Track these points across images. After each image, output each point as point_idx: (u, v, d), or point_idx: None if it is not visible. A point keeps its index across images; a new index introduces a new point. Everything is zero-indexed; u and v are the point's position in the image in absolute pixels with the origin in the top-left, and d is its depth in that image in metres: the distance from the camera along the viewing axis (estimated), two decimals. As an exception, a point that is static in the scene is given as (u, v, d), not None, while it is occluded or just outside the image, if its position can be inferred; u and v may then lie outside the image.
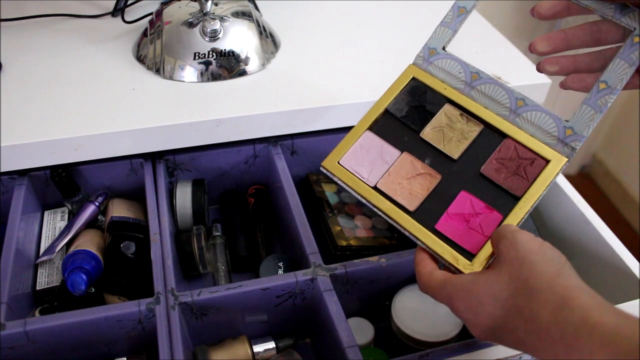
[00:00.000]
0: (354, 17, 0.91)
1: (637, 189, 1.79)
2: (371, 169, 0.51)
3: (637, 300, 0.59)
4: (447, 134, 0.52)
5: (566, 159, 0.48)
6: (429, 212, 0.49)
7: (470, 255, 0.46)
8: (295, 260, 0.67)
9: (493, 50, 0.86)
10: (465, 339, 0.56)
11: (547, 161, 0.48)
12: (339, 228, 0.70)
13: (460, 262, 0.46)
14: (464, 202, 0.48)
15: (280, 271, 0.65)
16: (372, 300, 0.65)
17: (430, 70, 0.54)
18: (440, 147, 0.51)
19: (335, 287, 0.59)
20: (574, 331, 0.35)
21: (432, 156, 0.51)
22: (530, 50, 0.49)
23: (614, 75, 0.46)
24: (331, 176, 0.53)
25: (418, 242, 0.48)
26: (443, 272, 0.44)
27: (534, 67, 0.83)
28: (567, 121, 0.48)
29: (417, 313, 0.60)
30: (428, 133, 0.52)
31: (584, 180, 2.00)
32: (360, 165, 0.52)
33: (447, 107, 0.53)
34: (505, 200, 0.48)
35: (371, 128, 0.54)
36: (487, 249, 0.46)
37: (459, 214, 0.48)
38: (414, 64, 0.55)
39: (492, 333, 0.40)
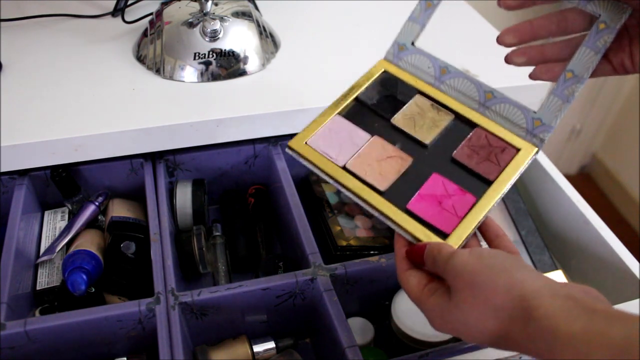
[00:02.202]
0: (354, 17, 0.91)
1: (637, 189, 1.79)
2: (340, 150, 0.50)
3: (637, 300, 0.59)
4: (418, 121, 0.52)
5: (536, 149, 0.48)
6: (400, 192, 0.48)
7: (443, 235, 0.45)
8: (295, 260, 0.67)
9: (492, 50, 0.86)
10: (465, 339, 0.56)
11: (518, 150, 0.48)
12: (339, 228, 0.71)
13: (432, 240, 0.44)
14: (436, 183, 0.48)
15: (280, 271, 0.65)
16: (372, 300, 0.65)
17: (400, 65, 0.54)
18: (412, 132, 0.51)
19: (335, 287, 0.59)
20: (546, 346, 0.34)
21: (403, 141, 0.51)
22: (499, 42, 0.49)
23: (580, 64, 0.46)
24: (297, 157, 0.51)
25: (388, 222, 0.46)
26: (418, 281, 0.42)
27: (534, 67, 0.83)
28: (535, 112, 0.48)
29: (417, 313, 0.60)
30: (399, 120, 0.52)
31: (584, 180, 2.00)
32: (328, 146, 0.50)
33: (417, 97, 0.53)
34: (478, 184, 0.48)
35: (340, 113, 0.53)
36: (463, 229, 0.45)
37: (431, 195, 0.47)
38: (384, 59, 0.55)
39: (479, 342, 0.39)
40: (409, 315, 0.60)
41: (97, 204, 0.69)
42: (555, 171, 0.75)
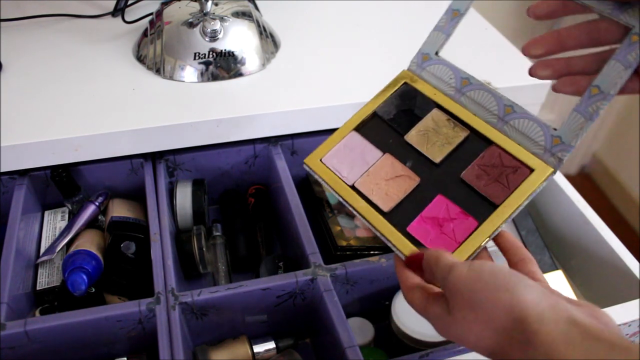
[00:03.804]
0: (354, 17, 0.91)
1: (637, 189, 1.78)
2: (351, 168, 0.51)
3: (637, 300, 0.59)
4: (432, 138, 0.51)
5: (552, 170, 0.45)
6: (403, 214, 0.48)
7: None
8: (295, 260, 0.67)
9: (493, 51, 0.86)
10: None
11: (531, 170, 0.46)
12: (339, 228, 0.71)
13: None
14: (440, 206, 0.47)
15: (280, 271, 0.65)
16: (372, 300, 0.65)
17: (422, 76, 0.53)
18: (423, 150, 0.50)
19: (335, 287, 0.59)
20: None
21: (414, 159, 0.50)
22: (524, 53, 0.47)
23: (607, 79, 0.42)
24: (312, 173, 0.52)
25: (388, 244, 0.47)
26: (421, 293, 0.41)
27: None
28: (555, 129, 0.45)
29: (417, 313, 0.60)
30: (412, 136, 0.51)
31: (584, 180, 2.00)
32: (341, 164, 0.51)
33: (434, 111, 0.52)
34: (483, 207, 0.46)
35: (357, 129, 0.53)
36: (459, 255, 0.44)
37: (433, 218, 0.47)
38: (408, 69, 0.54)
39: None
40: (409, 315, 0.60)
41: (97, 204, 0.69)
42: (555, 171, 0.75)
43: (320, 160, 0.52)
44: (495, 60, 0.83)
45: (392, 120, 0.53)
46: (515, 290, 0.35)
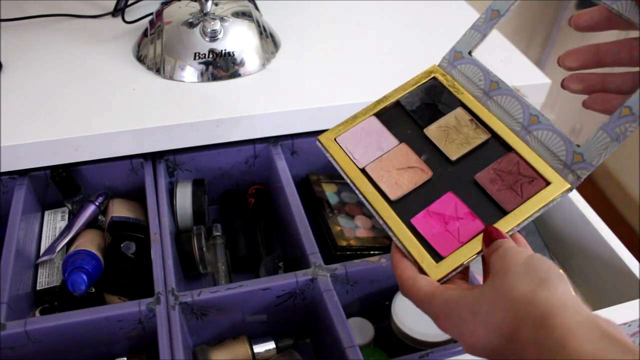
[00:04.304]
0: (354, 17, 0.91)
1: (637, 189, 1.79)
2: (365, 151, 0.50)
3: (637, 300, 0.59)
4: (451, 135, 0.50)
5: (569, 186, 0.44)
6: (409, 205, 0.47)
7: (438, 257, 0.44)
8: (295, 260, 0.67)
9: (493, 50, 0.86)
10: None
11: (548, 183, 0.45)
12: (339, 228, 0.71)
13: (425, 260, 0.43)
14: (449, 203, 0.46)
15: (281, 271, 0.65)
16: (372, 300, 0.65)
17: (453, 74, 0.52)
18: (441, 146, 0.49)
19: (335, 287, 0.59)
20: (550, 356, 0.32)
21: (429, 153, 0.50)
22: (559, 64, 0.45)
23: None
24: (324, 151, 0.51)
25: (389, 233, 0.46)
26: (428, 281, 0.41)
27: (534, 67, 0.83)
28: (578, 146, 0.44)
29: (417, 313, 0.60)
30: (432, 130, 0.50)
31: (584, 180, 2.00)
32: (355, 146, 0.51)
33: (459, 110, 0.51)
34: (492, 212, 0.45)
35: (378, 114, 0.52)
36: (458, 256, 0.43)
37: (440, 214, 0.46)
38: (439, 65, 0.53)
39: (478, 352, 0.37)
40: (409, 315, 0.60)
41: (97, 204, 0.69)
42: (555, 171, 0.75)
43: (335, 139, 0.51)
44: (495, 60, 0.83)
45: (414, 111, 0.52)
46: (552, 278, 0.35)
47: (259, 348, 0.61)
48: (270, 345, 0.62)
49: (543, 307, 0.33)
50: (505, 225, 0.44)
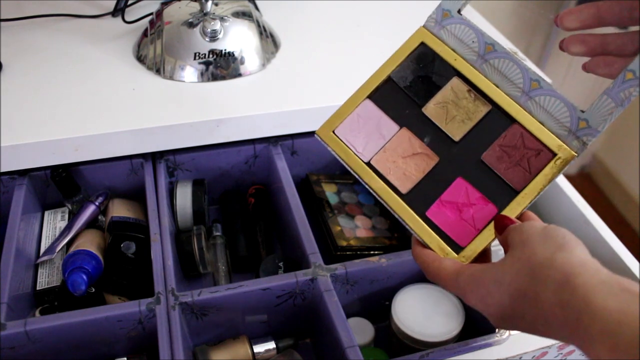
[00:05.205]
0: (354, 17, 0.91)
1: (637, 189, 1.79)
2: (367, 142, 0.49)
3: (637, 300, 0.59)
4: (451, 111, 0.48)
5: (575, 154, 0.43)
6: (421, 196, 0.46)
7: (458, 248, 0.44)
8: (296, 260, 0.67)
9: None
10: (466, 339, 0.56)
11: (554, 154, 0.44)
12: (339, 228, 0.71)
13: (446, 253, 0.44)
14: (460, 190, 0.46)
15: (281, 271, 0.65)
16: (372, 300, 0.65)
17: (441, 35, 0.49)
18: (442, 126, 0.48)
19: (336, 287, 0.59)
20: (576, 315, 0.32)
21: (432, 134, 0.48)
22: (557, 24, 0.44)
23: None
24: (325, 145, 0.49)
25: (407, 227, 0.46)
26: (453, 262, 0.42)
27: (535, 67, 0.83)
28: (582, 111, 0.43)
29: (417, 313, 0.60)
30: (431, 109, 0.48)
31: (584, 180, 2.00)
32: (355, 137, 0.49)
33: (455, 80, 0.48)
34: (503, 192, 0.45)
35: (371, 97, 0.50)
36: (477, 244, 0.44)
37: (453, 203, 0.46)
38: (424, 26, 0.50)
39: (504, 321, 0.38)
40: (409, 315, 0.60)
41: (97, 204, 0.69)
42: (556, 171, 0.75)
43: (333, 132, 0.49)
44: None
45: (409, 87, 0.49)
46: (557, 237, 0.37)
47: (259, 348, 0.61)
48: (270, 345, 0.62)
49: (564, 269, 0.34)
50: (517, 207, 0.44)
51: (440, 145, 0.48)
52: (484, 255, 0.44)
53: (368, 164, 0.48)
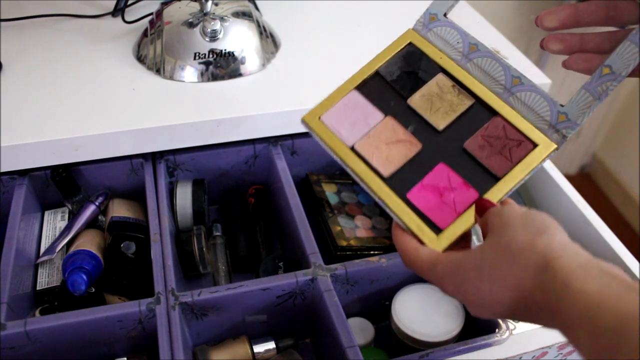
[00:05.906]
0: (354, 17, 0.91)
1: (637, 189, 1.79)
2: (352, 128, 0.49)
3: (637, 300, 0.59)
4: (435, 103, 0.49)
5: (555, 146, 0.45)
6: (403, 180, 0.47)
7: (438, 230, 0.44)
8: (296, 260, 0.67)
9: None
10: (465, 339, 0.56)
11: (535, 145, 0.46)
12: (339, 228, 0.71)
13: (425, 234, 0.44)
14: (441, 174, 0.47)
15: (281, 271, 0.65)
16: (372, 300, 0.65)
17: (428, 37, 0.52)
18: (426, 115, 0.49)
19: (336, 287, 0.59)
20: (556, 299, 0.32)
21: (415, 124, 0.49)
22: (537, 24, 0.46)
23: (620, 60, 0.42)
24: (310, 131, 0.50)
25: (386, 209, 0.46)
26: (430, 251, 0.42)
27: (534, 67, 0.83)
28: (562, 106, 0.45)
29: (417, 313, 0.60)
30: (416, 100, 0.50)
31: (584, 180, 2.00)
32: (341, 124, 0.50)
33: (440, 76, 0.50)
34: (485, 179, 0.46)
35: (359, 88, 0.52)
36: (457, 227, 0.44)
37: (434, 186, 0.46)
38: (413, 29, 0.53)
39: (484, 308, 0.37)
40: (409, 315, 0.60)
41: (97, 204, 0.69)
42: (555, 171, 0.75)
43: (319, 118, 0.50)
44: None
45: (395, 81, 0.51)
46: (552, 228, 0.37)
47: (259, 348, 0.61)
48: (270, 345, 0.62)
49: (544, 254, 0.34)
50: (498, 192, 0.45)
51: (423, 134, 0.49)
52: (463, 244, 0.44)
53: (352, 148, 0.49)
